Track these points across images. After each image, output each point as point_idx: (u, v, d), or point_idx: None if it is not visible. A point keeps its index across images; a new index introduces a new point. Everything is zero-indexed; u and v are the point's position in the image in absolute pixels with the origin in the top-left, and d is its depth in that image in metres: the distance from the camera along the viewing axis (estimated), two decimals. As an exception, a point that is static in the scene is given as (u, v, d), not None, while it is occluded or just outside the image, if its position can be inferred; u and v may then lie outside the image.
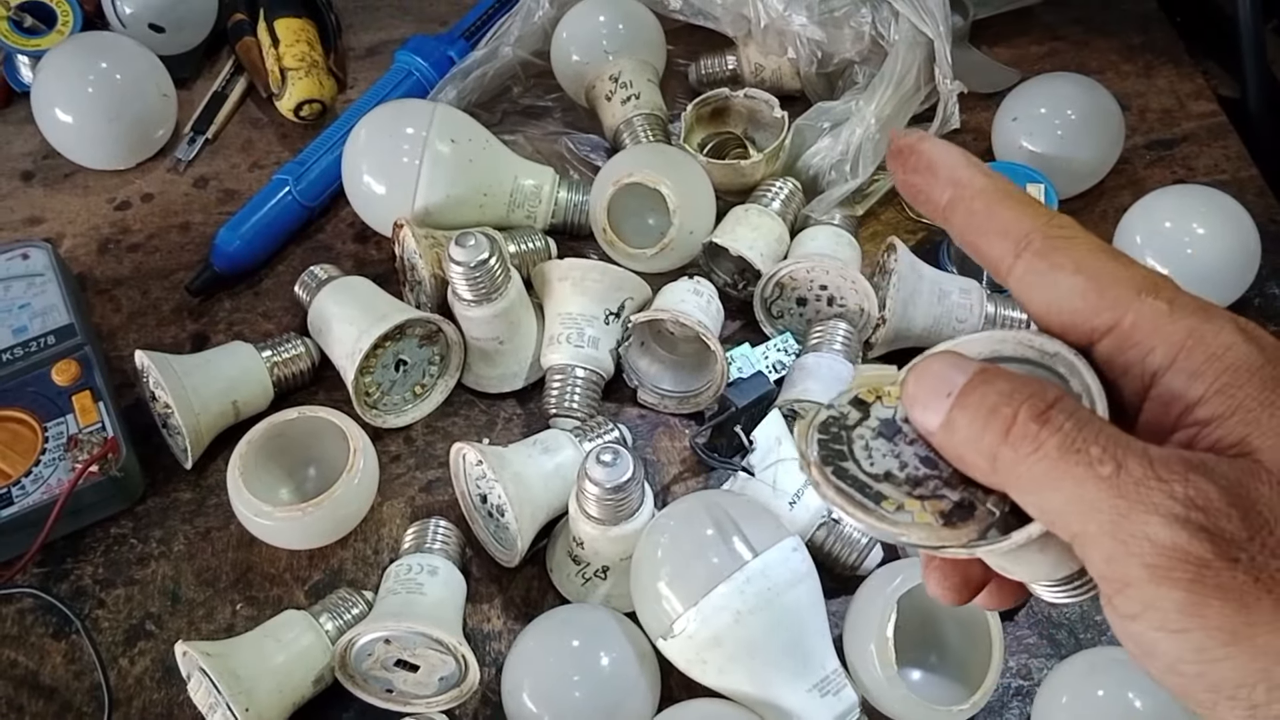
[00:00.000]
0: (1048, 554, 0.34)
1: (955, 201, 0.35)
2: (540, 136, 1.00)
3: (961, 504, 0.33)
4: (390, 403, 0.83)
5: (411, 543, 0.75)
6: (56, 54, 0.98)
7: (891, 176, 0.37)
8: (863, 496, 0.34)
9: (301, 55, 1.02)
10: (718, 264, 0.89)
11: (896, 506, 0.33)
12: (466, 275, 0.78)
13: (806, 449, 0.35)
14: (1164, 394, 0.32)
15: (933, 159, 0.36)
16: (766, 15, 0.94)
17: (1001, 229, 0.34)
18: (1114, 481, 0.29)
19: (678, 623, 0.65)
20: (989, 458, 0.32)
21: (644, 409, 0.85)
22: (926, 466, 0.34)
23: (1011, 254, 0.34)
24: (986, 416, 0.32)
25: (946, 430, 0.33)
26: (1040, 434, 0.30)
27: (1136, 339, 0.32)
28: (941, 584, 0.38)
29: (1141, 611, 0.30)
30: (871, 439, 0.35)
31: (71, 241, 0.96)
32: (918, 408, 0.34)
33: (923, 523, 0.33)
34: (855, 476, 0.34)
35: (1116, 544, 0.29)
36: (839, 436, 0.35)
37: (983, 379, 0.32)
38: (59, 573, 0.77)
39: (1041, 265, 0.34)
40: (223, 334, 0.90)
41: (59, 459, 0.77)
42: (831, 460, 0.35)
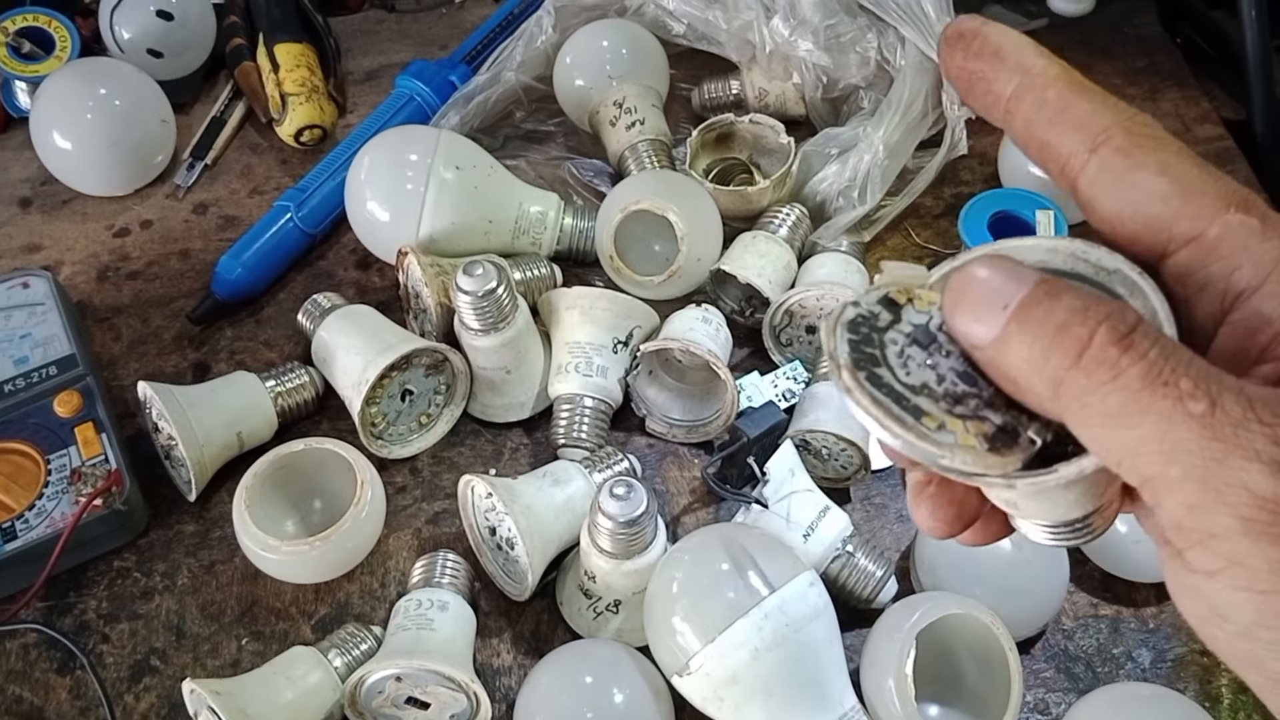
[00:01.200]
0: (1072, 493, 0.31)
1: (1024, 90, 0.32)
2: (543, 161, 1.00)
3: (1005, 428, 0.30)
4: (396, 433, 0.82)
5: (420, 577, 0.74)
6: (55, 80, 0.97)
7: (943, 67, 0.34)
8: (900, 409, 0.30)
9: (302, 80, 1.01)
10: (725, 291, 0.89)
11: (938, 425, 0.30)
12: (474, 304, 0.77)
13: (835, 349, 0.31)
14: (1250, 318, 0.29)
15: (1000, 44, 0.32)
16: (772, 40, 0.94)
17: (1078, 121, 0.31)
18: (1208, 421, 0.26)
19: (694, 660, 0.64)
20: (1052, 382, 0.28)
21: (652, 438, 0.84)
22: (966, 383, 0.31)
23: (1087, 148, 0.31)
24: (1054, 335, 0.28)
25: (1000, 346, 0.29)
26: (1121, 360, 0.27)
27: (1222, 253, 0.29)
28: (934, 514, 0.34)
29: (1225, 568, 0.27)
30: (906, 345, 0.31)
31: (70, 269, 0.95)
32: (964, 317, 0.30)
33: (967, 445, 0.29)
34: (890, 386, 0.30)
35: (1206, 491, 0.26)
36: (870, 339, 0.31)
37: (1048, 291, 0.28)
38: (62, 607, 0.76)
39: (1121, 163, 0.30)
40: (224, 363, 0.89)
41: (62, 492, 0.76)
42: (864, 365, 0.31)
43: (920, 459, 0.30)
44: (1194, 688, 0.72)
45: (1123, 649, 0.74)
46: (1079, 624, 0.75)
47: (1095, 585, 0.76)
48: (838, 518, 0.74)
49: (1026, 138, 0.32)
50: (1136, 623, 0.75)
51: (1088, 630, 0.75)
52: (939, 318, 0.32)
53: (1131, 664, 0.73)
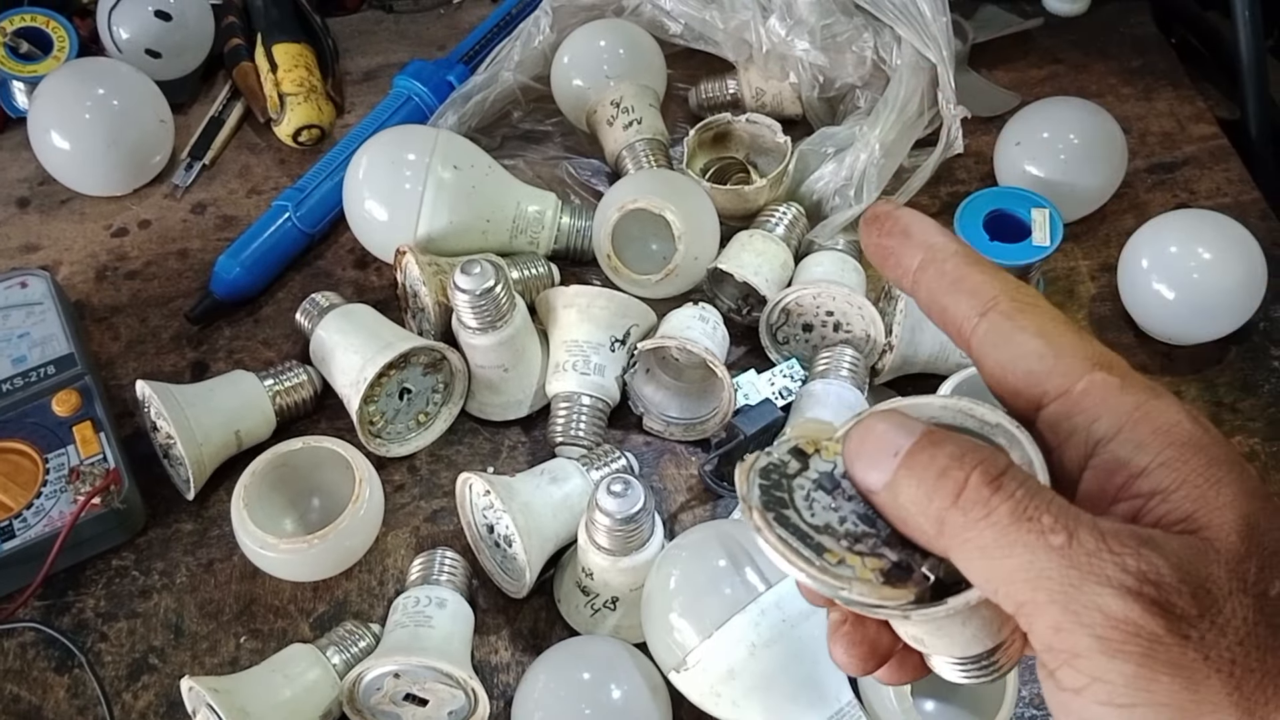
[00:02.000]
0: (969, 627, 0.34)
1: (927, 263, 0.36)
2: (540, 161, 1.00)
3: (900, 564, 0.33)
4: (394, 431, 0.83)
5: (418, 574, 0.74)
6: (53, 80, 0.97)
7: (862, 243, 0.38)
8: (805, 547, 0.33)
9: (300, 80, 1.01)
10: (722, 289, 0.89)
11: (838, 560, 0.33)
12: (472, 303, 0.77)
13: (748, 493, 0.34)
14: (1108, 462, 0.32)
15: (908, 224, 0.37)
16: (768, 40, 0.94)
17: (971, 289, 0.35)
18: (1066, 551, 0.29)
19: (691, 655, 0.64)
20: (936, 521, 0.31)
21: (650, 436, 0.84)
22: (865, 524, 0.34)
23: (977, 312, 0.35)
24: (936, 479, 0.31)
25: (890, 491, 0.33)
26: (992, 500, 0.30)
27: (1085, 406, 0.33)
28: (849, 651, 0.37)
29: (1088, 685, 0.29)
30: (812, 490, 0.35)
31: (68, 269, 0.95)
32: (860, 465, 0.34)
33: (864, 579, 0.32)
34: (797, 526, 0.33)
35: (1067, 614, 0.29)
36: (780, 484, 0.35)
37: (931, 441, 0.32)
38: (60, 605, 0.76)
39: (1005, 325, 0.34)
40: (223, 362, 0.89)
41: (60, 491, 0.76)
42: (773, 507, 0.34)
43: (823, 592, 0.32)
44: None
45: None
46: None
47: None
48: (834, 515, 0.74)
49: (930, 303, 0.36)
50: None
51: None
52: (842, 467, 0.35)
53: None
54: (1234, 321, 0.84)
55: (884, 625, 0.37)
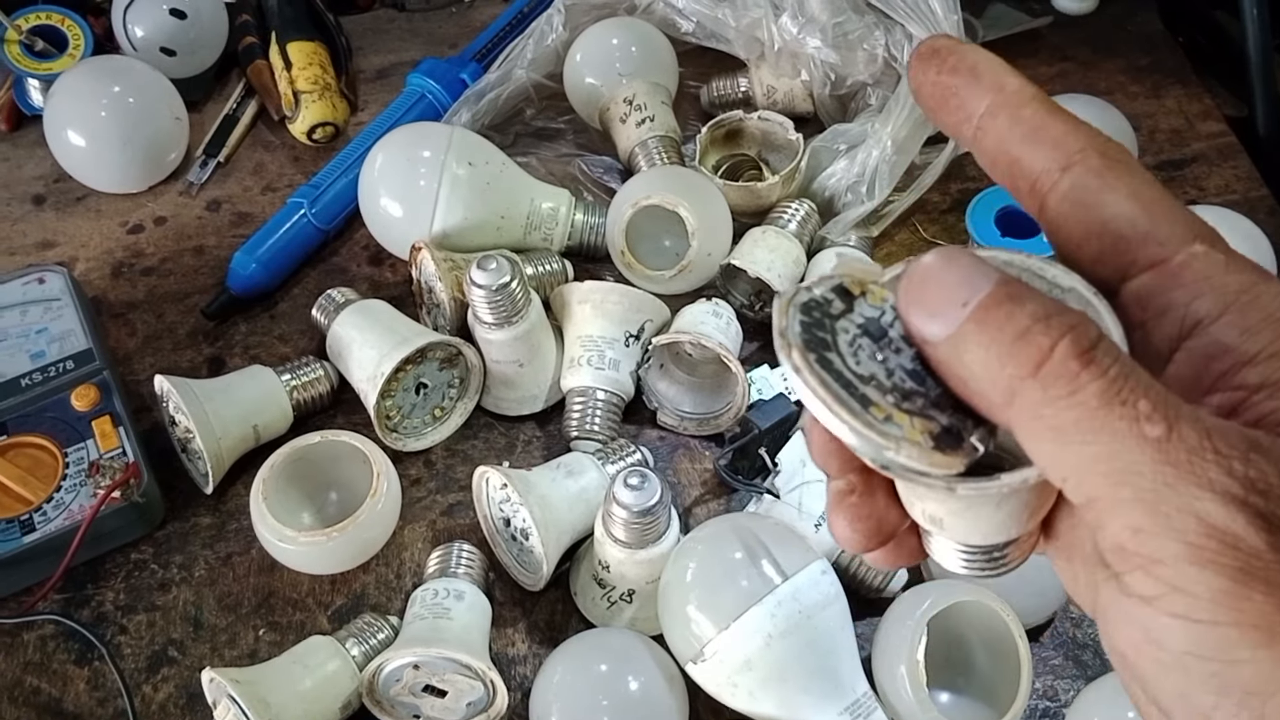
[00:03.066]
0: (1002, 512, 0.30)
1: (999, 107, 0.31)
2: (553, 158, 1.01)
3: (950, 430, 0.29)
4: (410, 426, 0.83)
5: (436, 567, 0.75)
6: (69, 77, 0.97)
7: (911, 83, 0.33)
8: (849, 396, 0.28)
9: (314, 78, 1.02)
10: (734, 285, 0.90)
11: (884, 417, 0.28)
12: (488, 298, 0.78)
13: (787, 327, 0.29)
14: (1207, 346, 0.29)
15: (975, 62, 0.32)
16: (780, 38, 0.95)
17: (1053, 139, 0.31)
18: (1163, 445, 0.25)
19: (708, 647, 0.65)
20: (1006, 391, 0.27)
21: (664, 431, 0.85)
22: (914, 380, 0.29)
23: (1060, 166, 0.30)
24: (1013, 340, 0.27)
25: (954, 344, 0.28)
26: (1081, 376, 0.26)
27: (1185, 280, 0.29)
28: (852, 525, 0.33)
29: (1165, 593, 0.26)
30: (857, 335, 0.30)
31: (85, 265, 0.96)
32: (919, 312, 0.29)
33: (913, 440, 0.28)
34: (840, 372, 0.29)
35: (1155, 516, 0.26)
36: (822, 323, 0.30)
37: (1010, 294, 0.27)
38: (80, 599, 0.77)
39: (1094, 183, 0.30)
40: (239, 357, 0.90)
41: (80, 485, 0.77)
42: (815, 347, 0.29)
43: (864, 450, 0.28)
44: (1201, 676, 0.73)
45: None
46: (1087, 613, 0.76)
47: (1103, 575, 0.77)
48: (849, 508, 0.75)
49: (997, 154, 0.32)
50: (1144, 612, 0.76)
51: (1096, 619, 0.75)
52: (891, 314, 0.30)
53: (1139, 652, 0.74)
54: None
55: (893, 499, 0.33)
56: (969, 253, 0.29)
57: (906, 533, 0.34)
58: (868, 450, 0.28)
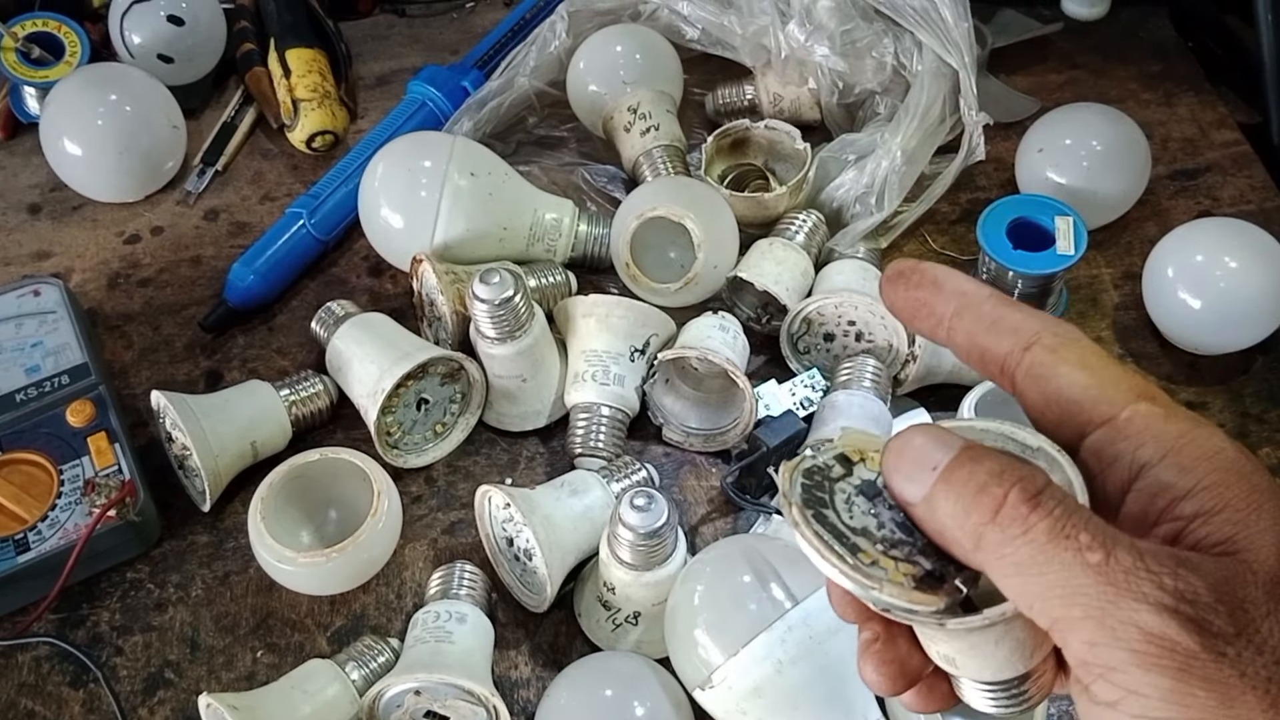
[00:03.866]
0: (1002, 648, 0.34)
1: (963, 308, 0.37)
2: (556, 167, 0.99)
3: (933, 573, 0.33)
4: (411, 442, 0.82)
5: (438, 588, 0.73)
6: (65, 86, 0.96)
7: (885, 301, 0.39)
8: (840, 545, 0.33)
9: (314, 86, 1.00)
10: (741, 298, 0.88)
11: (871, 561, 0.33)
12: (491, 313, 0.76)
13: (789, 489, 0.35)
14: (1151, 485, 0.33)
15: (935, 275, 0.37)
16: (787, 46, 0.93)
17: (1012, 327, 0.36)
18: (1103, 569, 0.30)
19: (717, 673, 0.63)
20: (973, 536, 0.32)
21: (669, 447, 0.83)
22: (903, 532, 0.34)
23: (1021, 348, 0.35)
24: (974, 494, 0.32)
25: (928, 504, 0.33)
26: (1030, 517, 0.31)
27: (1130, 433, 0.34)
28: (878, 670, 0.37)
29: (1122, 698, 0.30)
30: (853, 495, 0.35)
31: (81, 276, 0.94)
32: (899, 478, 0.34)
33: (896, 581, 0.33)
34: (834, 525, 0.34)
35: (1103, 629, 0.29)
36: (822, 485, 0.35)
37: (971, 456, 0.33)
38: (75, 619, 0.76)
39: (1049, 359, 0.35)
40: (237, 370, 0.88)
41: (75, 503, 0.75)
42: (813, 505, 0.35)
43: (855, 590, 0.33)
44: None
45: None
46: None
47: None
48: (859, 528, 0.73)
49: (969, 346, 0.37)
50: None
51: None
52: None
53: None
54: (1261, 331, 0.83)
55: (915, 645, 0.37)
56: (937, 426, 0.35)
57: (936, 679, 0.38)
58: (857, 590, 0.33)
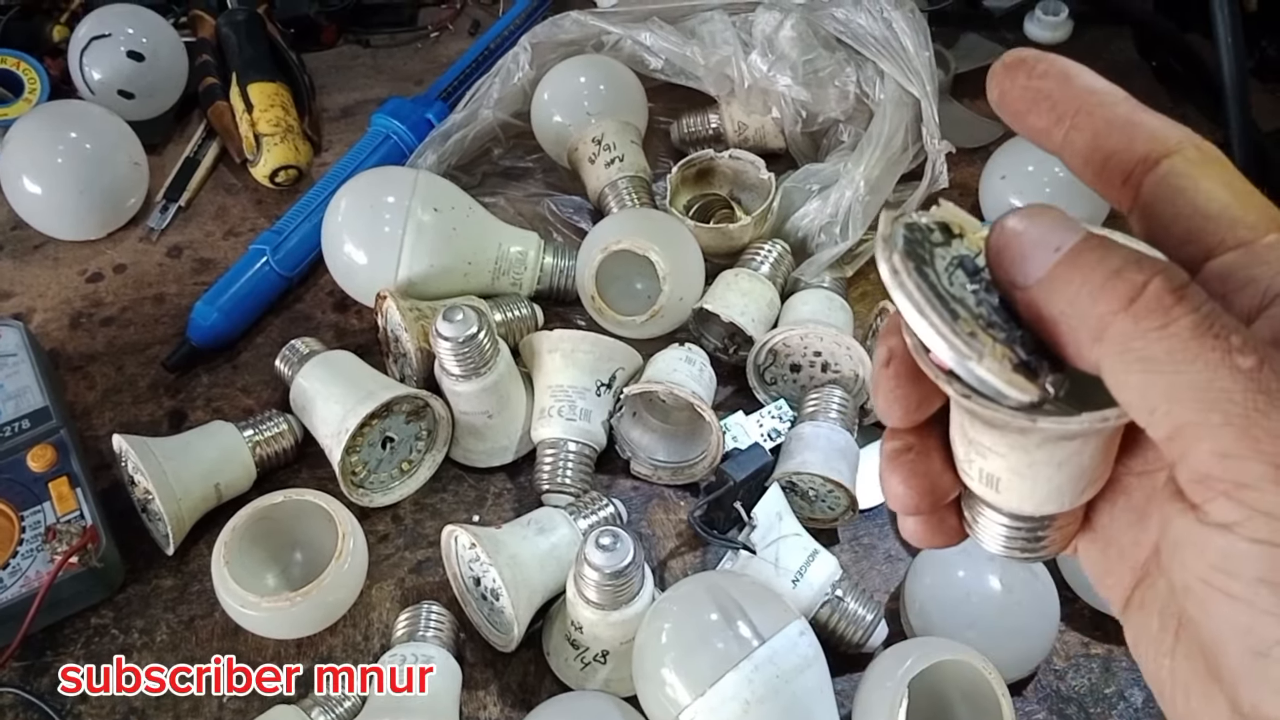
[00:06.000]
0: (1062, 473, 0.32)
1: (1094, 105, 0.33)
2: (522, 198, 0.99)
3: (1028, 364, 0.30)
4: (377, 481, 0.81)
5: (404, 630, 0.72)
6: (24, 123, 0.95)
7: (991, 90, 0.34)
8: (941, 305, 0.29)
9: (276, 120, 1.00)
10: (707, 329, 0.88)
11: (970, 332, 0.29)
12: (455, 350, 0.76)
13: (891, 235, 0.31)
14: None
15: (1066, 68, 0.33)
16: (750, 75, 0.93)
17: (1150, 132, 0.32)
18: (1255, 375, 0.26)
19: (684, 714, 0.63)
20: (1097, 326, 0.28)
21: (638, 480, 0.83)
22: (999, 318, 0.30)
23: (1161, 154, 0.32)
24: (1105, 278, 0.28)
25: (1046, 285, 0.29)
26: (1174, 309, 0.27)
27: (1268, 260, 0.31)
28: (906, 481, 0.35)
29: (1245, 519, 0.27)
30: (953, 265, 0.31)
31: (42, 316, 0.93)
32: (1011, 257, 0.30)
33: (996, 356, 0.29)
34: (934, 285, 0.30)
35: (1245, 439, 0.26)
36: (923, 244, 0.31)
37: (1102, 240, 0.29)
38: (39, 667, 0.75)
39: (1191, 171, 0.32)
40: (201, 410, 0.88)
41: (37, 550, 0.74)
42: (915, 259, 0.30)
43: (949, 355, 0.29)
44: (1188, 726, 0.71)
45: (1115, 688, 0.73)
46: (1070, 664, 0.74)
47: (1085, 624, 0.76)
48: (826, 561, 0.73)
49: (1090, 151, 0.33)
50: (1128, 661, 0.74)
51: (1079, 670, 0.74)
52: (984, 260, 0.31)
53: (1124, 704, 0.73)
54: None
55: (947, 465, 0.35)
56: (1056, 208, 0.30)
57: (947, 510, 0.36)
58: (952, 355, 0.29)
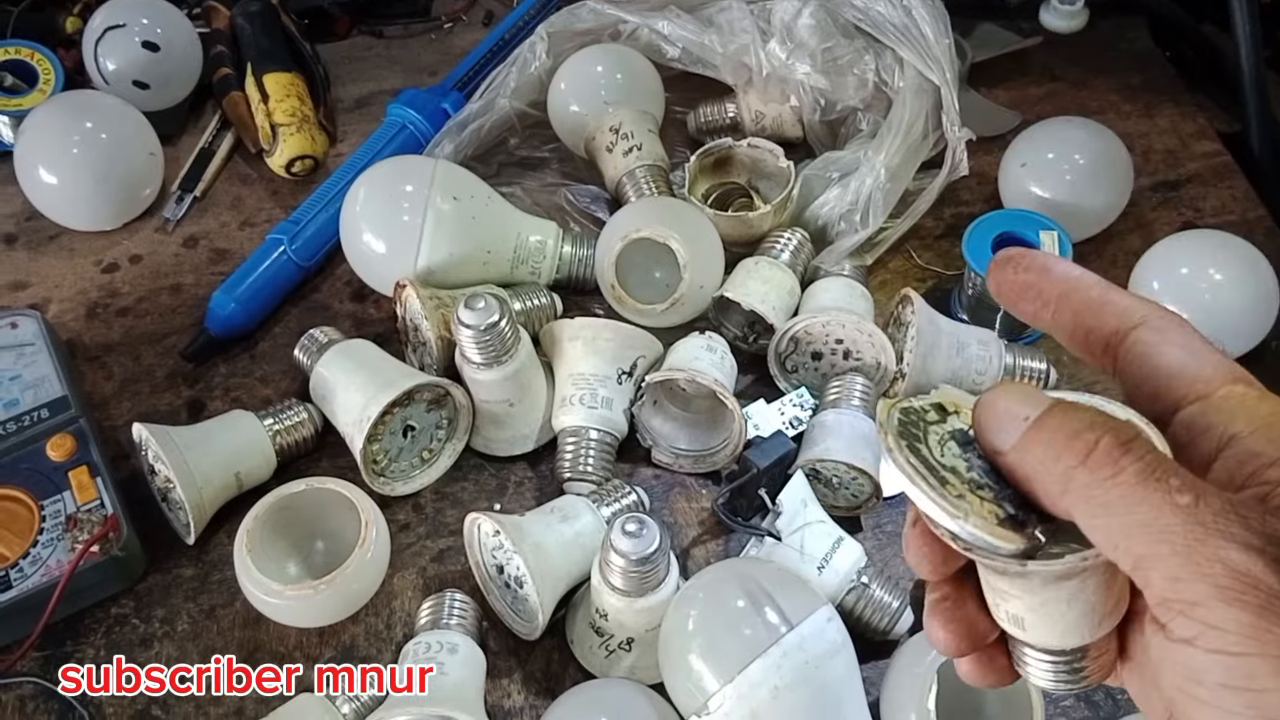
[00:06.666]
0: (1074, 609, 0.35)
1: (1071, 291, 0.39)
2: (538, 188, 0.99)
3: (1015, 518, 0.34)
4: (398, 469, 0.81)
5: (428, 618, 0.72)
6: (39, 113, 0.95)
7: (989, 282, 0.41)
8: (930, 475, 0.34)
9: (292, 110, 1.00)
10: (727, 317, 0.88)
11: (958, 494, 0.34)
12: (476, 338, 0.76)
13: (886, 420, 0.36)
14: (1240, 453, 0.34)
15: (1045, 261, 0.40)
16: (769, 64, 0.93)
17: (1119, 310, 0.38)
18: (1192, 510, 0.30)
19: (713, 700, 0.62)
20: (1062, 479, 0.33)
21: (659, 469, 0.83)
22: (989, 479, 0.35)
23: (1129, 326, 0.37)
24: (1066, 439, 0.33)
25: (1019, 450, 0.34)
26: (1121, 460, 0.32)
27: (1224, 409, 0.35)
28: (945, 627, 0.38)
29: (1200, 633, 0.30)
30: (946, 439, 0.36)
31: (59, 306, 0.93)
32: (990, 429, 0.35)
33: (980, 515, 0.34)
34: (925, 459, 0.35)
35: (1188, 565, 0.30)
36: (917, 424, 0.36)
37: (1063, 409, 0.34)
38: (59, 656, 0.74)
39: (1155, 338, 0.37)
40: (219, 400, 0.87)
41: (57, 539, 0.74)
42: (908, 438, 0.35)
43: (939, 517, 0.34)
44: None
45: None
46: (1097, 651, 0.74)
47: (1112, 611, 0.75)
48: (852, 548, 0.73)
49: (1074, 328, 0.39)
50: (1155, 648, 0.74)
51: (1106, 657, 0.74)
52: None
53: (1151, 690, 0.72)
54: (1247, 342, 0.83)
55: (982, 609, 0.38)
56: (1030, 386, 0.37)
57: (996, 650, 0.39)
58: (943, 518, 0.34)
